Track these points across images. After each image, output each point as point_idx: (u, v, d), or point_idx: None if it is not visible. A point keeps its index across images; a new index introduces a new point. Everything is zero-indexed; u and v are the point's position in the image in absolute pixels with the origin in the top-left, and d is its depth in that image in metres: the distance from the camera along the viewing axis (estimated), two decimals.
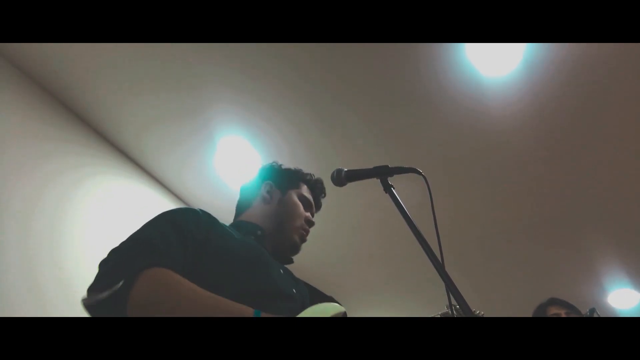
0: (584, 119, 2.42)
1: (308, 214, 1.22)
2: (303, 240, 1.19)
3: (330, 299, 1.11)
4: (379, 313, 4.25)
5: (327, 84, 2.32)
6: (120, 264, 0.80)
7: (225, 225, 1.07)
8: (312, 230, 1.24)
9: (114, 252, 0.86)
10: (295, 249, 1.18)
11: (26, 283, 1.98)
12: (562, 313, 1.89)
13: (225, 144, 2.68)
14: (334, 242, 3.30)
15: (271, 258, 1.06)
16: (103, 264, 0.83)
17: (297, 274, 1.18)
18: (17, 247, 2.00)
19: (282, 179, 1.24)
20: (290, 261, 1.19)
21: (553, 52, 2.12)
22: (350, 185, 1.13)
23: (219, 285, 0.85)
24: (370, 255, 3.52)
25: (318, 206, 1.29)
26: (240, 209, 1.24)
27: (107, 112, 2.54)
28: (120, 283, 0.74)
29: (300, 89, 2.36)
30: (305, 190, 1.25)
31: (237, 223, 1.18)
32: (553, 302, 1.97)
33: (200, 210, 1.03)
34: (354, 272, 3.66)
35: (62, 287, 2.12)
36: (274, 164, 1.30)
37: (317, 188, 1.28)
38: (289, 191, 1.22)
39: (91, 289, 0.78)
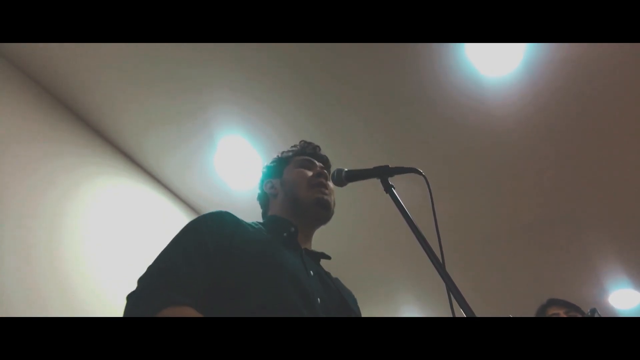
0: (584, 118, 2.42)
1: (313, 172, 1.20)
2: (323, 192, 1.16)
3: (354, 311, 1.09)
4: (378, 313, 4.25)
5: (326, 83, 2.32)
6: (140, 303, 0.82)
7: (254, 225, 1.07)
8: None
9: (140, 283, 0.87)
10: (322, 202, 1.14)
11: (25, 283, 1.98)
12: (561, 313, 1.88)
13: (226, 144, 2.68)
14: (333, 242, 3.30)
15: (305, 259, 1.04)
16: (130, 298, 0.85)
17: None
18: (16, 248, 2.00)
19: (274, 169, 1.27)
20: (328, 218, 1.17)
21: (553, 52, 2.12)
22: (351, 186, 1.13)
23: (240, 298, 0.86)
24: (370, 256, 3.52)
25: (321, 159, 1.27)
26: (264, 212, 1.27)
27: (108, 112, 2.55)
28: None
29: (299, 88, 2.36)
30: (297, 158, 1.25)
31: (270, 218, 1.18)
32: (552, 302, 1.96)
33: (227, 213, 1.03)
34: (354, 272, 3.66)
35: (61, 288, 2.11)
36: (263, 167, 1.33)
37: (306, 148, 1.28)
38: (284, 171, 1.23)
39: None
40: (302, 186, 1.16)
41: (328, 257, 1.15)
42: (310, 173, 1.20)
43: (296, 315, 0.87)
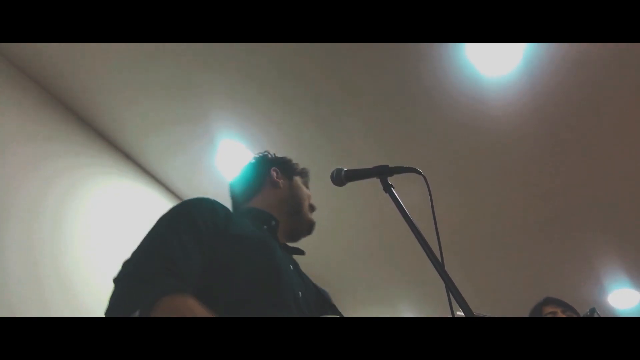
0: (584, 118, 2.42)
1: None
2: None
3: (333, 308, 1.09)
4: (378, 313, 4.25)
5: (326, 83, 2.33)
6: (134, 289, 0.75)
7: (239, 215, 1.07)
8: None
9: (128, 266, 0.81)
10: (312, 227, 1.23)
11: (28, 283, 1.98)
12: (559, 311, 1.87)
13: (227, 146, 2.69)
14: (333, 242, 3.30)
15: (283, 254, 1.04)
16: (118, 282, 0.79)
17: None
18: (19, 248, 2.00)
19: (286, 167, 1.29)
20: (302, 237, 1.24)
21: (553, 52, 2.13)
22: (350, 185, 1.13)
23: (230, 283, 0.86)
24: (369, 255, 3.52)
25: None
26: (246, 196, 1.22)
27: (109, 114, 2.55)
28: (137, 313, 0.69)
29: (299, 88, 2.36)
30: (301, 179, 1.30)
31: (250, 210, 1.16)
32: (549, 301, 1.95)
33: (214, 200, 1.02)
34: (353, 271, 3.66)
35: (64, 288, 2.12)
36: (268, 153, 1.31)
37: (304, 175, 1.34)
38: (294, 177, 1.27)
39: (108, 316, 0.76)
40: (306, 206, 1.24)
41: (302, 252, 1.18)
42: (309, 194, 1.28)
43: (286, 309, 0.88)
